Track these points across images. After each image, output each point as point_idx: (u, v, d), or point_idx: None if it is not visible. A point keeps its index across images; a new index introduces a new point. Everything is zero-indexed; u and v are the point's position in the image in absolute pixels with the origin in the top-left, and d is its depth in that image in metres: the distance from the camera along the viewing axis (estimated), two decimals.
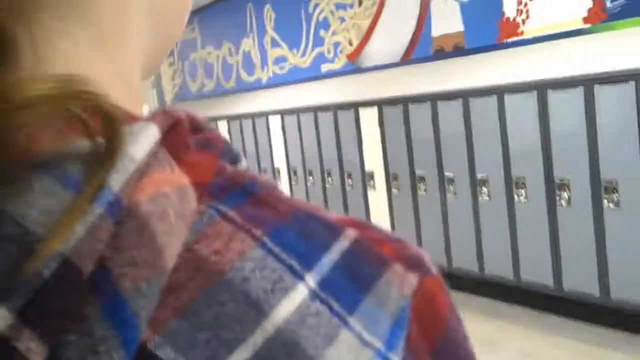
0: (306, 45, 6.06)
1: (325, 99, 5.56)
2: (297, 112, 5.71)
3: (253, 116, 6.44)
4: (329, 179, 5.40)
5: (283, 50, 6.44)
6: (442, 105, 4.28)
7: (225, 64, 7.51)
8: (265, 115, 6.21)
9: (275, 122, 6.04)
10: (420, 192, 4.53)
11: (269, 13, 6.56)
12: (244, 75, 7.23)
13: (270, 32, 6.59)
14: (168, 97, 9.16)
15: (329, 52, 5.78)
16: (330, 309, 0.27)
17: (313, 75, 6.04)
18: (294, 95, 6.18)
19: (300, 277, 0.27)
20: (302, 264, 0.28)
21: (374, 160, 4.92)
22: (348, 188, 5.22)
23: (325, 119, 5.33)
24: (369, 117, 4.89)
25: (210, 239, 0.27)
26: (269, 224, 0.28)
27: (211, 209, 0.28)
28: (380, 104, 4.78)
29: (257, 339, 0.26)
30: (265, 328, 0.26)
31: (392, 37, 5.05)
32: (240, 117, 6.67)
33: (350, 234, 0.30)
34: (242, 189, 0.30)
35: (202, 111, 8.02)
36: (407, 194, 4.64)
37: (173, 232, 0.26)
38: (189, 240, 0.26)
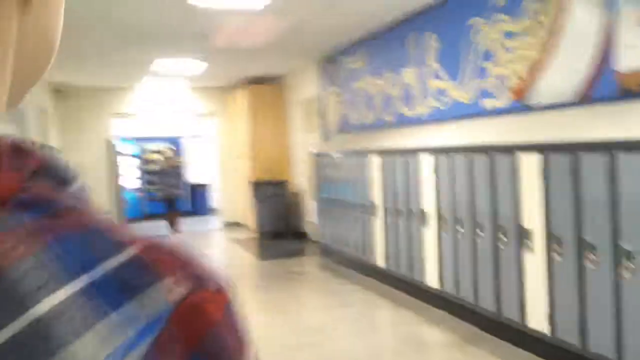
0: (467, 78, 5.40)
1: (482, 139, 4.85)
2: (450, 152, 5.06)
3: (405, 153, 5.89)
4: (480, 232, 4.66)
5: (443, 82, 5.82)
6: (623, 157, 3.39)
7: (385, 95, 7.07)
8: (416, 152, 5.63)
9: (426, 161, 5.43)
10: (589, 265, 3.64)
11: (430, 42, 6.00)
12: (402, 108, 6.72)
13: (432, 62, 6.02)
14: (332, 127, 8.95)
15: (492, 86, 5.07)
16: (92, 307, 0.33)
17: (472, 111, 5.35)
18: (449, 133, 5.53)
19: (70, 279, 0.33)
20: (77, 269, 0.34)
21: (532, 217, 4.10)
22: (501, 246, 4.44)
23: (481, 162, 4.62)
24: (530, 164, 4.10)
25: (1, 241, 0.33)
26: (58, 234, 0.35)
27: (10, 218, 0.34)
28: (545, 149, 3.97)
29: (16, 326, 0.31)
30: (26, 318, 0.32)
31: (568, 71, 4.22)
32: (393, 152, 6.16)
33: (133, 251, 0.36)
34: (46, 205, 0.36)
35: (360, 143, 7.70)
36: (572, 263, 3.77)
37: None
38: None
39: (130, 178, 14.61)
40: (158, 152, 13.27)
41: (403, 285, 6.08)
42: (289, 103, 11.06)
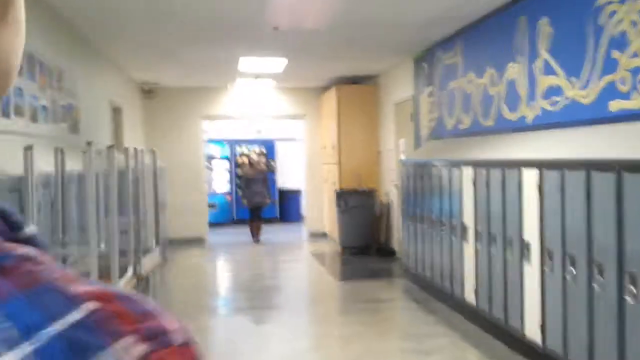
0: (589, 73, 4.18)
1: (606, 151, 3.66)
2: (562, 166, 3.89)
3: (503, 165, 4.75)
4: (600, 276, 3.46)
5: (558, 78, 4.63)
6: None
7: (486, 95, 5.93)
8: (517, 165, 4.48)
9: (530, 176, 4.28)
10: None
11: (544, 28, 4.81)
12: (504, 111, 5.55)
13: (544, 53, 4.83)
14: (424, 132, 7.87)
15: (623, 82, 3.84)
16: None
17: (594, 115, 4.13)
18: (561, 142, 4.34)
19: (14, 346, 0.31)
20: (22, 334, 0.31)
21: None
22: (628, 299, 3.23)
23: (604, 181, 3.43)
24: None
25: None
26: (3, 294, 0.32)
27: None
28: None
29: None
30: None
31: None
32: (489, 164, 5.04)
33: (89, 307, 0.33)
34: None
35: (454, 152, 6.59)
36: None
37: None
38: None
39: (221, 181, 14.28)
40: (246, 155, 12.30)
41: (497, 331, 4.93)
42: (381, 105, 10.09)
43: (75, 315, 0.32)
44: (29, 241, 0.37)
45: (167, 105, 11.33)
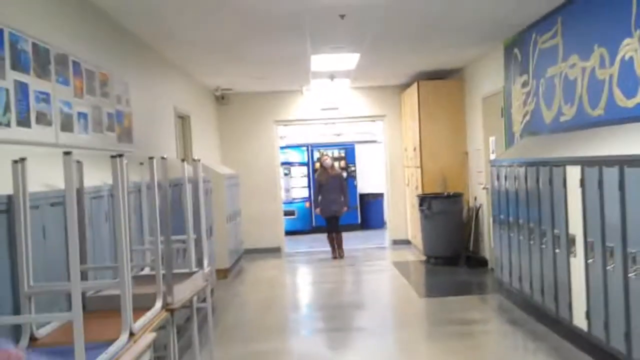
0: None
1: None
2: None
3: (622, 162, 3.81)
4: None
5: None
6: None
7: (593, 80, 4.96)
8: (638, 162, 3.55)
9: None
10: None
11: None
12: (618, 98, 4.57)
13: None
14: (517, 128, 6.92)
15: None
16: None
17: None
18: None
19: None
20: None
21: None
22: None
23: None
24: None
25: None
26: None
27: None
28: None
29: None
30: None
31: None
32: (602, 162, 4.10)
33: None
34: None
35: (554, 149, 5.64)
36: None
37: None
38: None
39: (299, 188, 13.77)
40: (320, 160, 10.61)
41: None
42: (467, 101, 9.16)
43: None
44: None
45: (241, 111, 10.94)
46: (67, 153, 1.88)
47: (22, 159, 2.47)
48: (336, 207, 9.70)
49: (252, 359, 4.87)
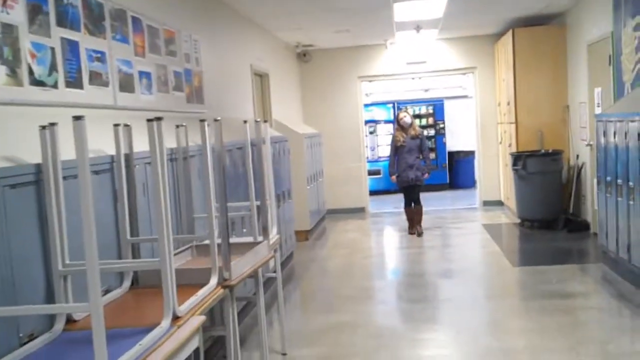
0: None
1: None
2: None
3: None
4: None
5: None
6: None
7: None
8: None
9: None
10: None
11: None
12: None
13: None
14: (627, 78, 6.11)
15: None
16: None
17: None
18: None
19: None
20: None
21: None
22: None
23: None
24: None
25: None
26: None
27: None
28: None
29: None
30: None
31: None
32: None
33: None
34: None
35: None
36: None
37: None
38: None
39: (385, 146, 13.28)
40: (398, 118, 8.44)
41: None
42: (569, 49, 8.29)
43: None
44: None
45: (324, 68, 10.56)
46: (77, 118, 1.58)
47: (52, 124, 2.22)
48: (415, 174, 8.04)
49: (328, 332, 4.58)
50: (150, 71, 4.17)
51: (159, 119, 2.19)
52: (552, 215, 7.91)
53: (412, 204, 8.23)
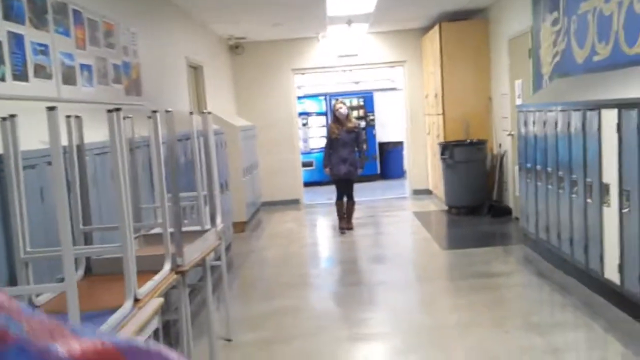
0: None
1: None
2: None
3: None
4: None
5: None
6: None
7: (631, 15, 4.59)
8: None
9: None
10: None
11: None
12: None
13: None
14: (545, 70, 6.56)
15: None
16: None
17: None
18: None
19: None
20: None
21: None
22: None
23: None
24: None
25: None
26: None
27: None
28: None
29: None
30: None
31: None
32: None
33: None
34: None
35: (586, 93, 5.31)
36: None
37: None
38: None
39: (317, 138, 13.51)
40: (334, 109, 8.13)
41: None
42: (492, 43, 8.75)
43: None
44: None
45: (257, 61, 10.63)
46: (50, 109, 1.67)
47: (12, 116, 2.27)
48: (348, 169, 7.71)
49: (270, 317, 4.75)
50: (91, 64, 4.19)
51: (118, 109, 2.28)
52: (478, 201, 8.36)
53: (344, 198, 7.95)
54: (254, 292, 5.68)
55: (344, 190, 7.92)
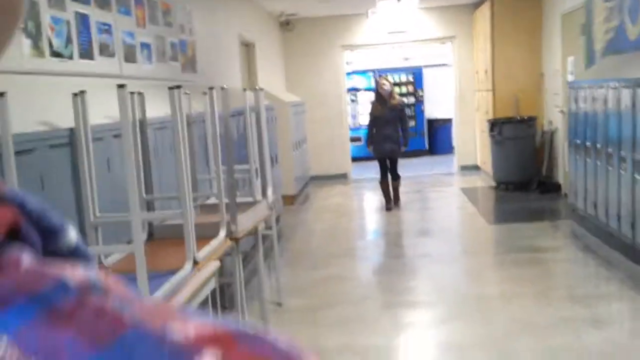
0: None
1: None
2: None
3: None
4: None
5: None
6: None
7: None
8: None
9: None
10: None
11: None
12: None
13: None
14: (598, 47, 6.46)
15: None
16: None
17: None
18: None
19: None
20: None
21: None
22: None
23: None
24: None
25: None
26: (71, 358, 0.22)
27: None
28: None
29: None
30: None
31: None
32: None
33: (209, 357, 0.24)
34: (34, 299, 0.23)
35: (637, 69, 5.24)
36: None
37: None
38: None
39: (366, 114, 13.58)
40: (377, 86, 7.92)
41: None
42: (544, 19, 8.61)
43: None
44: (72, 253, 0.29)
45: (306, 38, 10.75)
46: (121, 86, 1.86)
47: (82, 92, 2.48)
48: (391, 147, 7.59)
49: (317, 285, 4.95)
50: (150, 42, 4.41)
51: (178, 87, 2.46)
52: (526, 177, 8.33)
53: (389, 176, 7.83)
54: (303, 261, 5.88)
55: (388, 168, 7.83)
